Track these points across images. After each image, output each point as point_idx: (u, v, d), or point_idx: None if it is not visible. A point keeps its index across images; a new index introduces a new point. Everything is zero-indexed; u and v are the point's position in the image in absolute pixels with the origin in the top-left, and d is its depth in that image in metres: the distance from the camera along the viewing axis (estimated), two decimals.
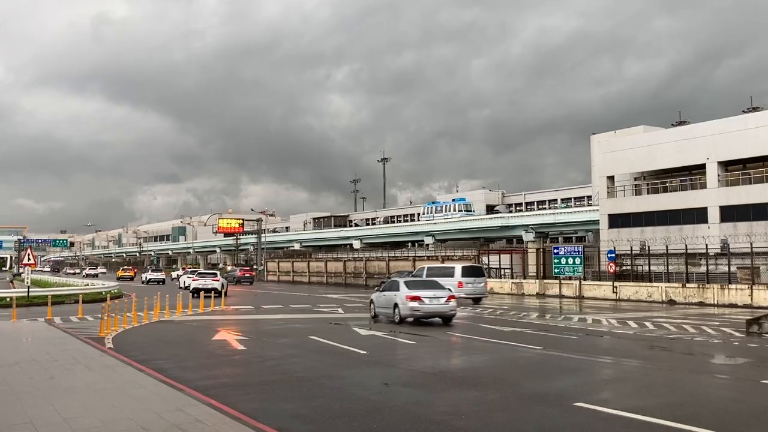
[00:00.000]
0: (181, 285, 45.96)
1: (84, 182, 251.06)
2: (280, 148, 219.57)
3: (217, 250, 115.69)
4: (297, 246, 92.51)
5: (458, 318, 21.73)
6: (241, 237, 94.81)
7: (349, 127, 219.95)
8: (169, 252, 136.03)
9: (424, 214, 76.76)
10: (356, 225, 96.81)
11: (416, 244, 79.95)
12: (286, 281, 67.07)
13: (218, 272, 46.19)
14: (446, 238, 70.05)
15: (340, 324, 19.69)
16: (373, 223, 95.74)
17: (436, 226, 70.13)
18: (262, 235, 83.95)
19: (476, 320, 21.38)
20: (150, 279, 58.68)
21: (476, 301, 30.26)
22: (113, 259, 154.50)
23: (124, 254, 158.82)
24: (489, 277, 46.06)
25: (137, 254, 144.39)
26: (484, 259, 47.46)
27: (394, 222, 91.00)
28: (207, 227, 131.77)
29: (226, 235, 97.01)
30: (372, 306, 21.60)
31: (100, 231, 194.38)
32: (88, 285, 39.04)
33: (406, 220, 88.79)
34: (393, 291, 20.32)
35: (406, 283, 20.22)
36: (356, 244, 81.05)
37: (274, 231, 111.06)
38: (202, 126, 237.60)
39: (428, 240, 70.39)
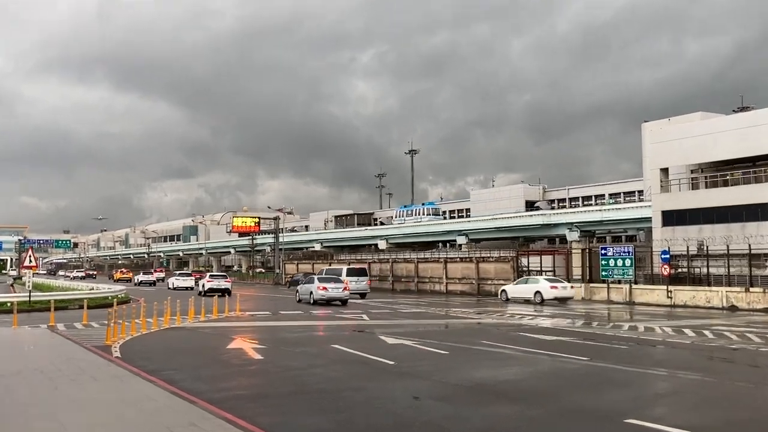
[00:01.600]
0: (169, 285, 54.34)
1: (90, 177, 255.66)
2: (299, 139, 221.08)
3: (232, 251, 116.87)
4: (317, 246, 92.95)
5: (490, 324, 22.17)
6: (257, 237, 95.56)
7: (375, 115, 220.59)
8: (180, 253, 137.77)
9: (396, 217, 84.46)
10: (381, 223, 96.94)
11: (447, 244, 79.78)
12: None
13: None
14: (481, 237, 69.78)
15: (365, 332, 19.79)
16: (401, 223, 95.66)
17: (469, 224, 69.95)
18: (280, 234, 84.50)
19: (512, 328, 21.32)
20: (141, 281, 64.27)
21: (362, 296, 40.33)
22: (120, 261, 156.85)
23: (132, 256, 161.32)
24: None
25: (146, 256, 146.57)
26: (524, 261, 47.17)
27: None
28: (220, 226, 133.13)
29: (241, 234, 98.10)
30: (297, 294, 36.87)
31: (105, 231, 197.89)
32: (93, 289, 39.80)
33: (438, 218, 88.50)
34: (310, 283, 35.11)
35: (318, 278, 35.37)
36: (382, 245, 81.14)
37: (292, 230, 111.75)
38: (216, 115, 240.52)
39: (461, 240, 70.19)
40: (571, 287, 36.56)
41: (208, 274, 49.55)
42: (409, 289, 54.47)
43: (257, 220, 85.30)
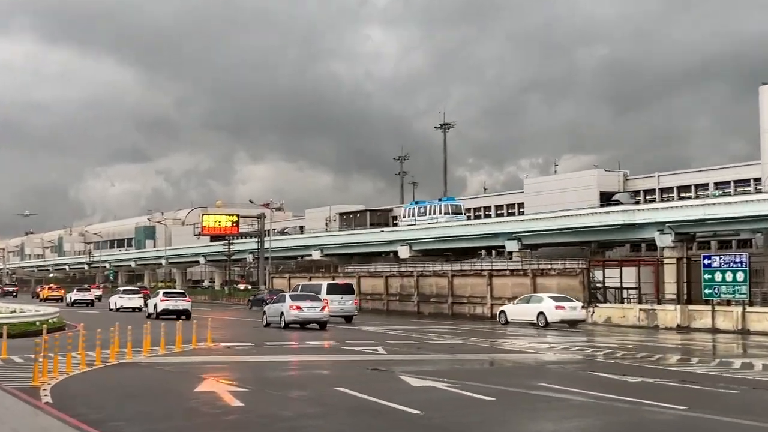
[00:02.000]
0: (112, 306, 59.15)
1: (9, 161, 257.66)
2: (292, 110, 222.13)
3: (201, 260, 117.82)
4: (316, 254, 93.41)
5: (551, 362, 22.25)
6: (235, 241, 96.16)
7: (395, 76, 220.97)
8: (132, 263, 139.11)
9: (404, 217, 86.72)
10: (402, 223, 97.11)
11: (493, 251, 79.64)
12: None
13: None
14: (539, 242, 69.72)
15: (381, 370, 19.89)
16: (431, 222, 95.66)
17: (523, 224, 69.93)
18: (266, 238, 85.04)
19: (584, 365, 21.31)
20: (75, 301, 67.91)
21: (347, 319, 43.38)
22: (51, 274, 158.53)
23: (67, 267, 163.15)
24: (604, 300, 45.70)
25: (85, 266, 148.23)
26: (597, 273, 47.10)
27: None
28: (186, 228, 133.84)
29: (214, 238, 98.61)
30: (264, 316, 39.98)
31: (32, 233, 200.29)
32: (15, 312, 40.24)
33: (479, 216, 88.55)
34: (280, 302, 38.65)
35: (290, 296, 38.81)
36: (403, 252, 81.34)
37: (283, 232, 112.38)
38: (182, 79, 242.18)
39: (511, 246, 70.18)
40: (582, 307, 41.77)
41: (161, 291, 51.70)
42: (441, 312, 54.58)
43: (235, 218, 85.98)
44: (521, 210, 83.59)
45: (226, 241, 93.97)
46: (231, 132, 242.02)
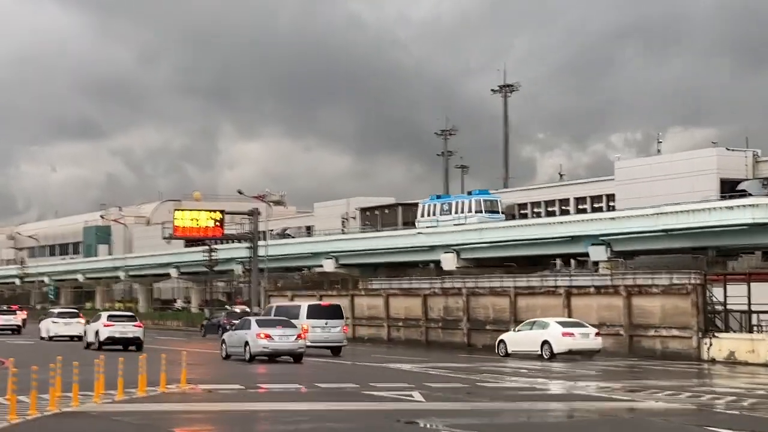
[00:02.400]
0: (44, 334, 62.95)
1: None
2: (297, 68, 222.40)
3: (173, 272, 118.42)
4: (328, 264, 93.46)
5: (653, 411, 22.16)
6: (219, 247, 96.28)
7: (437, 20, 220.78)
8: (80, 276, 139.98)
9: (424, 215, 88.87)
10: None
11: (572, 260, 79.10)
12: None
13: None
14: (635, 248, 69.25)
15: (417, 424, 19.87)
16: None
17: (613, 223, 69.40)
18: (261, 242, 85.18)
19: (697, 417, 21.24)
20: None
21: (334, 351, 47.09)
22: None
23: None
24: (725, 327, 45.28)
25: (16, 281, 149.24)
26: (716, 292, 46.73)
27: (525, 215, 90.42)
28: (152, 228, 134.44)
29: (190, 242, 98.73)
30: (224, 346, 43.12)
31: None
32: None
33: (553, 213, 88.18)
34: (244, 329, 41.56)
35: (257, 321, 42.00)
36: (448, 262, 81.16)
37: (283, 235, 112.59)
38: (147, 26, 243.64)
39: (597, 253, 69.70)
40: (597, 334, 45.46)
41: (106, 314, 53.74)
42: None
43: (219, 216, 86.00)
44: (611, 204, 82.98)
45: (207, 247, 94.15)
46: (213, 98, 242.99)
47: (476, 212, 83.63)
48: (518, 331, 47.36)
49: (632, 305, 48.37)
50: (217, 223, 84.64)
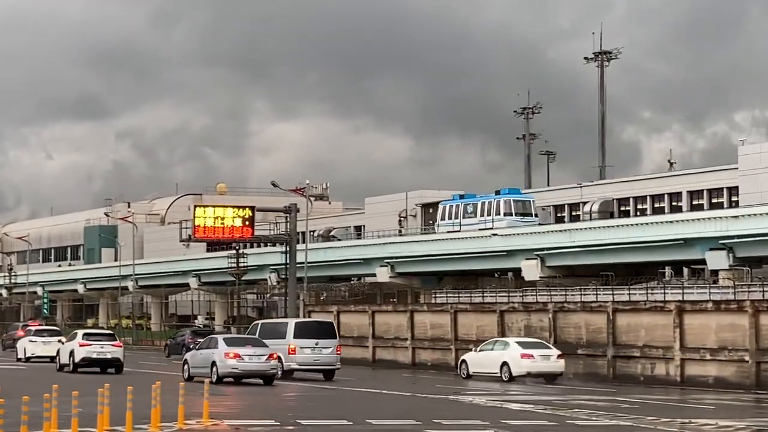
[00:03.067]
0: (20, 355, 67.42)
1: None
2: (346, 33, 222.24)
3: (193, 281, 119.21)
4: (382, 273, 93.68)
5: None
6: (248, 251, 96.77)
7: None
8: (80, 287, 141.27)
9: (443, 219, 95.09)
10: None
11: (685, 269, 78.69)
12: (355, 359, 68.43)
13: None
14: (765, 255, 68.77)
15: None
16: (574, 217, 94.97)
17: (737, 223, 69.04)
18: (300, 246, 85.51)
19: None
20: None
21: (327, 375, 50.86)
22: None
23: None
24: None
25: (4, 291, 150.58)
26: None
27: (627, 213, 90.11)
28: (168, 228, 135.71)
29: (213, 246, 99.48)
30: (186, 367, 46.87)
31: None
32: None
33: (661, 209, 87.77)
34: (211, 348, 45.55)
35: (225, 339, 46.63)
36: (530, 270, 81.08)
37: (327, 237, 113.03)
38: None
39: (717, 260, 69.37)
40: (560, 356, 51.93)
41: (81, 332, 57.16)
42: (595, 371, 54.32)
43: (249, 214, 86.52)
44: (734, 200, 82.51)
45: (234, 251, 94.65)
46: (241, 69, 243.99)
47: (505, 215, 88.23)
48: (480, 351, 53.82)
49: (760, 325, 47.93)
50: (246, 223, 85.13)
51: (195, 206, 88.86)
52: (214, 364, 44.65)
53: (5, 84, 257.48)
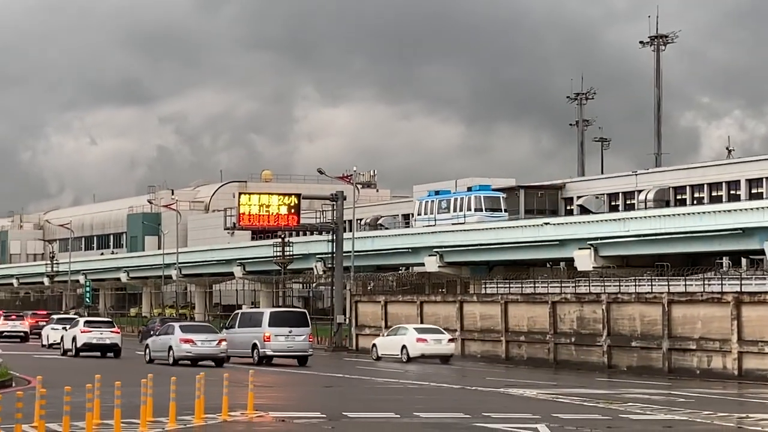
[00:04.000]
0: (44, 342, 72.05)
1: None
2: (395, 17, 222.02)
3: (237, 270, 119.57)
4: (431, 263, 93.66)
5: None
6: (294, 240, 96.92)
7: None
8: (122, 276, 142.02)
9: (420, 215, 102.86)
10: (583, 209, 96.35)
11: (744, 259, 78.29)
12: None
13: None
14: None
15: None
16: (628, 206, 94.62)
17: None
18: (347, 234, 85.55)
19: None
20: (2, 332, 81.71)
21: (301, 361, 55.63)
22: None
23: (15, 280, 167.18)
24: None
25: (46, 279, 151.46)
26: None
27: (683, 202, 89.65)
28: (212, 216, 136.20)
29: (258, 234, 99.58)
30: (147, 350, 54.33)
31: None
32: None
33: (719, 198, 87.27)
34: (169, 335, 52.66)
35: (180, 326, 53.41)
36: (583, 260, 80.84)
37: (375, 225, 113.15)
38: None
39: None
40: (450, 340, 61.19)
41: (82, 320, 66.07)
42: (650, 364, 54.16)
43: (294, 201, 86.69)
44: None
45: (279, 240, 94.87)
46: (288, 52, 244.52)
47: (476, 210, 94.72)
48: (387, 336, 63.78)
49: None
50: (292, 211, 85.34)
51: (240, 193, 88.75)
52: (170, 348, 52.38)
53: (48, 67, 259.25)
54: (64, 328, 67.36)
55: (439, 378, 46.26)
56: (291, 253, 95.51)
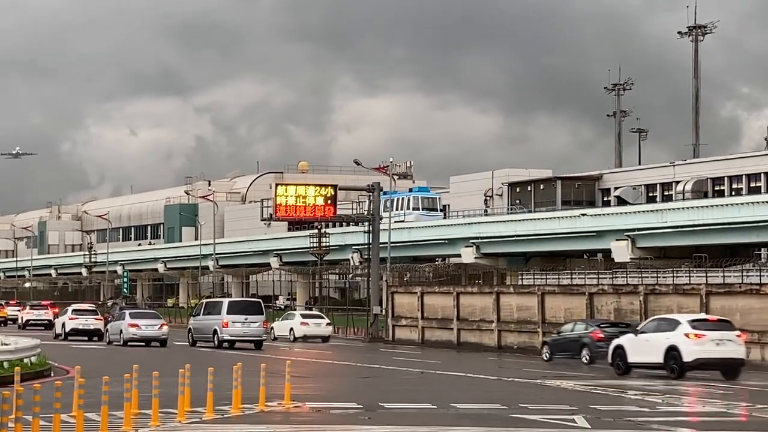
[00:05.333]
0: (59, 330, 74.68)
1: None
2: (434, 7, 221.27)
3: (274, 261, 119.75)
4: (467, 254, 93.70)
5: None
6: (331, 231, 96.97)
7: None
8: (160, 266, 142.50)
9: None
10: (620, 200, 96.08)
11: None
12: (440, 341, 68.97)
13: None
14: None
15: None
16: (666, 197, 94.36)
17: None
18: (383, 225, 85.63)
19: None
20: (28, 322, 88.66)
21: (256, 345, 62.17)
22: (27, 283, 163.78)
23: (53, 270, 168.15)
24: None
25: (84, 270, 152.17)
26: None
27: (721, 193, 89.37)
28: (249, 207, 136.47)
29: (294, 225, 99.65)
30: (107, 334, 66.45)
31: None
32: None
33: (757, 189, 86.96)
34: (121, 320, 64.82)
35: (129, 314, 66.02)
36: (620, 251, 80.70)
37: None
38: None
39: None
40: (328, 324, 74.19)
41: (71, 308, 75.71)
42: None
43: (331, 192, 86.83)
44: None
45: (316, 230, 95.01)
46: (326, 42, 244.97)
47: (413, 209, 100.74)
48: (281, 320, 77.39)
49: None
50: (329, 202, 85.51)
51: (276, 185, 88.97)
52: (121, 331, 62.56)
53: (87, 58, 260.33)
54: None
55: (475, 369, 46.27)
56: (327, 244, 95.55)
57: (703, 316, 47.27)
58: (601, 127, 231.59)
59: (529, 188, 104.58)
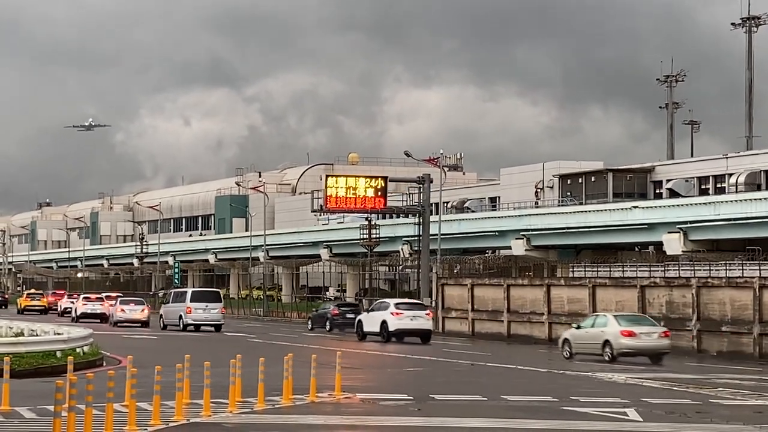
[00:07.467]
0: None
1: (6, 87, 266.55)
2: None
3: (324, 252, 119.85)
4: (518, 246, 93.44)
5: None
6: (381, 222, 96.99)
7: None
8: (210, 257, 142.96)
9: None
10: (672, 192, 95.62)
11: None
12: (489, 333, 68.93)
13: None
14: None
15: None
16: (718, 189, 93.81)
17: None
18: (433, 217, 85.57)
19: None
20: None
21: (217, 328, 69.96)
22: (79, 273, 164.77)
23: (105, 261, 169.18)
24: None
25: (136, 261, 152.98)
26: None
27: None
28: (299, 198, 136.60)
29: (344, 216, 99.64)
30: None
31: (49, 205, 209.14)
32: (19, 334, 41.84)
33: None
34: (113, 307, 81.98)
35: (120, 300, 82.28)
36: (672, 244, 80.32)
37: (461, 208, 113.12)
38: None
39: None
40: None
41: (83, 296, 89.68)
42: (740, 349, 53.54)
43: (381, 184, 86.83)
44: None
45: (367, 220, 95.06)
46: (377, 34, 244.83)
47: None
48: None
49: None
50: (379, 193, 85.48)
51: (326, 176, 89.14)
52: (112, 315, 77.34)
53: (138, 49, 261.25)
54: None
55: (525, 361, 46.18)
56: (378, 235, 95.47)
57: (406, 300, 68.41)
58: (653, 119, 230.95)
59: (580, 180, 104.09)
